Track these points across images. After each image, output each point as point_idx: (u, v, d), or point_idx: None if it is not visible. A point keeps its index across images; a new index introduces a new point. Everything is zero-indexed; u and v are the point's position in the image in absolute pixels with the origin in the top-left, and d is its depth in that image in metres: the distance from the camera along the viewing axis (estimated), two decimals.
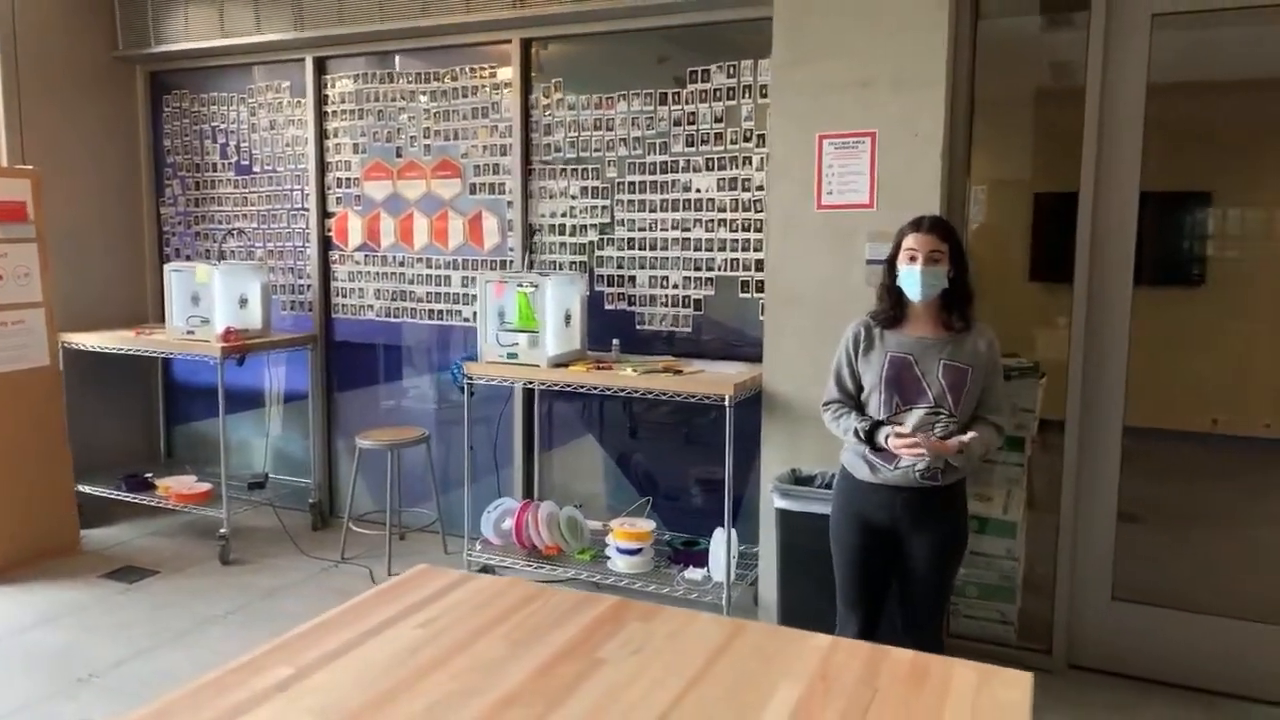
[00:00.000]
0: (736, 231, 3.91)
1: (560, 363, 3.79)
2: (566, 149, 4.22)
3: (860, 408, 2.62)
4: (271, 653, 1.62)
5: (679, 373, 3.59)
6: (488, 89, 4.36)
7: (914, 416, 2.49)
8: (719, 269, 3.96)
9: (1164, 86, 3.18)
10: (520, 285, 3.85)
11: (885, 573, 2.65)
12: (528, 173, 4.30)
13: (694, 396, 3.48)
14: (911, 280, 2.49)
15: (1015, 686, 1.48)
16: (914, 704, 1.45)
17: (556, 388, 3.81)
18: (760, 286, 3.87)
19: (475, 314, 4.45)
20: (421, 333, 4.71)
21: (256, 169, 5.02)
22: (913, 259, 2.49)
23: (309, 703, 1.43)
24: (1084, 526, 3.36)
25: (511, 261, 4.38)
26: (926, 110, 3.11)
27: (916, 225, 2.53)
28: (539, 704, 1.44)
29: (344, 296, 4.87)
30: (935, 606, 2.62)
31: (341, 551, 4.50)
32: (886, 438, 2.48)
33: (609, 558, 3.83)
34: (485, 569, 3.97)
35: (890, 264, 2.59)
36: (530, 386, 4.14)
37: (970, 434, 2.43)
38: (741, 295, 3.93)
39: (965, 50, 3.20)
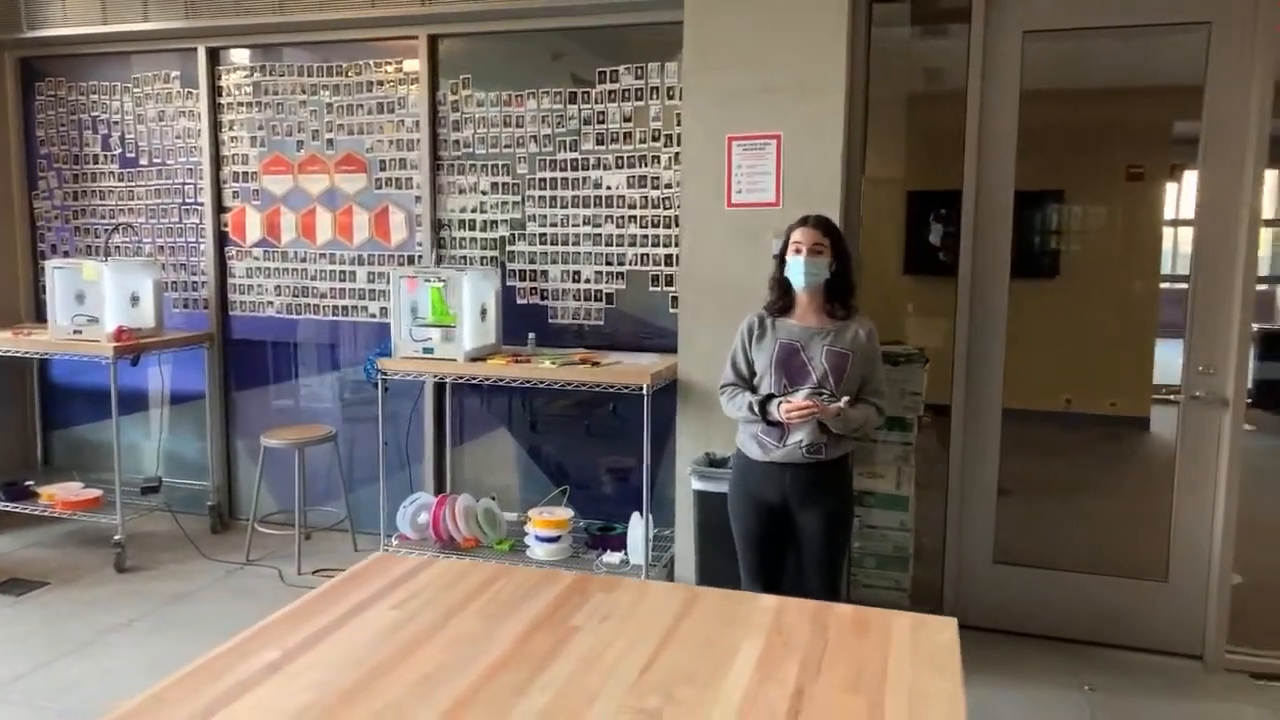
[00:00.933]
0: (646, 227, 4.06)
1: (477, 357, 3.85)
2: (476, 145, 4.26)
3: (754, 390, 2.85)
4: (251, 639, 1.65)
5: (596, 364, 3.71)
6: (394, 84, 4.36)
7: (800, 395, 2.72)
8: (629, 264, 4.10)
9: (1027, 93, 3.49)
10: (431, 280, 3.88)
11: (781, 545, 2.87)
12: (436, 168, 4.33)
13: (612, 387, 3.61)
14: (796, 270, 2.74)
15: (944, 630, 1.68)
16: (860, 651, 1.62)
17: (474, 381, 3.86)
18: (669, 280, 4.04)
19: (382, 310, 4.45)
20: (325, 329, 4.65)
21: (144, 162, 4.84)
22: (798, 250, 2.74)
23: (306, 680, 1.48)
24: (969, 498, 3.67)
25: (420, 257, 4.39)
26: (828, 114, 3.33)
27: (803, 221, 2.79)
28: (525, 669, 1.54)
29: (242, 293, 4.75)
30: (830, 574, 2.84)
31: (247, 553, 4.41)
32: (778, 405, 2.70)
33: (528, 546, 3.92)
34: None
35: (780, 258, 2.81)
36: (446, 381, 4.17)
37: (845, 399, 2.66)
38: (652, 289, 4.09)
39: (860, 58, 3.45)
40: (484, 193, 4.28)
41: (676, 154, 3.96)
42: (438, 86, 4.29)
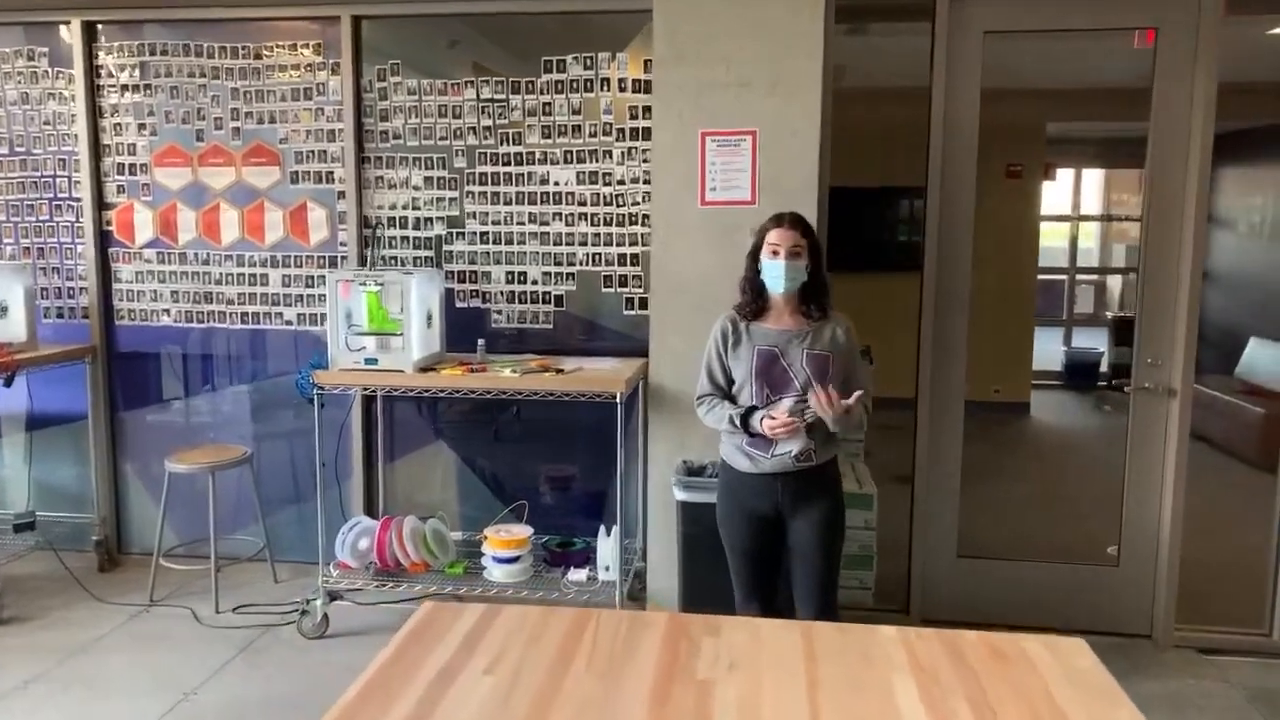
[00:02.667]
0: (598, 225, 3.87)
1: (426, 367, 3.55)
2: (407, 137, 3.94)
3: (732, 399, 2.74)
4: None
5: (560, 371, 3.49)
6: (311, 68, 3.96)
7: (784, 405, 2.62)
8: (580, 264, 3.90)
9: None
10: (367, 284, 3.55)
11: (776, 557, 2.78)
12: (362, 161, 3.97)
13: (583, 395, 3.41)
14: (775, 274, 2.63)
15: (1079, 654, 1.62)
16: (1015, 682, 1.53)
17: (427, 394, 3.56)
18: (623, 281, 3.87)
19: (300, 316, 4.06)
20: (231, 339, 4.20)
21: (3, 150, 4.21)
22: (775, 254, 2.63)
23: None
24: (934, 494, 3.70)
25: (345, 258, 4.02)
26: (803, 112, 3.26)
27: (778, 221, 2.67)
28: None
29: (130, 300, 4.22)
30: (827, 580, 2.75)
31: (151, 592, 3.93)
32: (761, 420, 2.59)
33: (484, 568, 3.66)
34: (333, 596, 3.64)
35: (753, 258, 2.70)
36: (376, 393, 3.82)
37: (857, 393, 2.58)
38: (604, 290, 3.90)
39: (830, 56, 3.39)
40: (417, 188, 3.96)
41: (630, 149, 3.79)
42: (362, 72, 3.93)
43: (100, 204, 4.17)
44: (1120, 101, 4.00)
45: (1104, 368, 8.41)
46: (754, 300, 2.71)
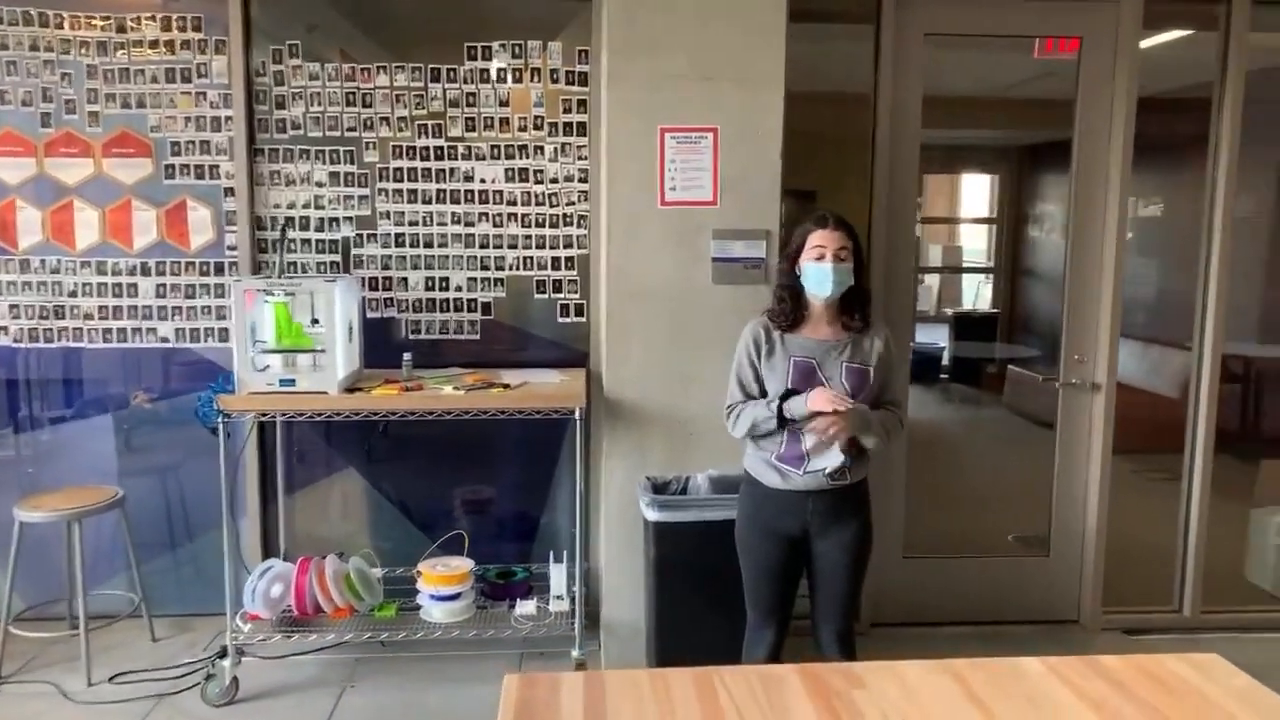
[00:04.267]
0: (529, 227, 3.58)
1: (352, 386, 3.15)
2: (309, 127, 3.49)
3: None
4: None
5: (506, 387, 3.19)
6: (190, 46, 3.43)
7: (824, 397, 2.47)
8: (510, 268, 3.60)
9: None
10: (275, 294, 3.11)
11: (797, 577, 2.65)
12: (254, 154, 3.48)
13: (539, 412, 3.13)
14: (821, 278, 2.46)
15: (1218, 668, 1.57)
16: (1193, 709, 1.45)
17: (357, 417, 3.14)
18: (558, 286, 3.61)
19: (178, 332, 3.53)
20: (94, 360, 3.57)
21: None
22: (821, 256, 2.47)
23: None
24: (885, 497, 3.68)
25: (235, 264, 3.51)
26: (767, 108, 3.13)
27: (822, 222, 2.51)
28: None
29: None
30: (851, 604, 2.63)
31: None
32: (805, 401, 2.40)
33: (420, 607, 3.29)
34: (225, 653, 3.15)
35: (791, 263, 2.56)
36: (313, 419, 3.32)
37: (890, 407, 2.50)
38: (538, 296, 3.62)
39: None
40: (320, 185, 3.52)
41: (563, 145, 3.54)
42: (254, 53, 3.44)
43: None
44: (994, 110, 4.19)
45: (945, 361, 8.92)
46: (792, 308, 2.53)
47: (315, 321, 3.19)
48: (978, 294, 5.27)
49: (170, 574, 3.67)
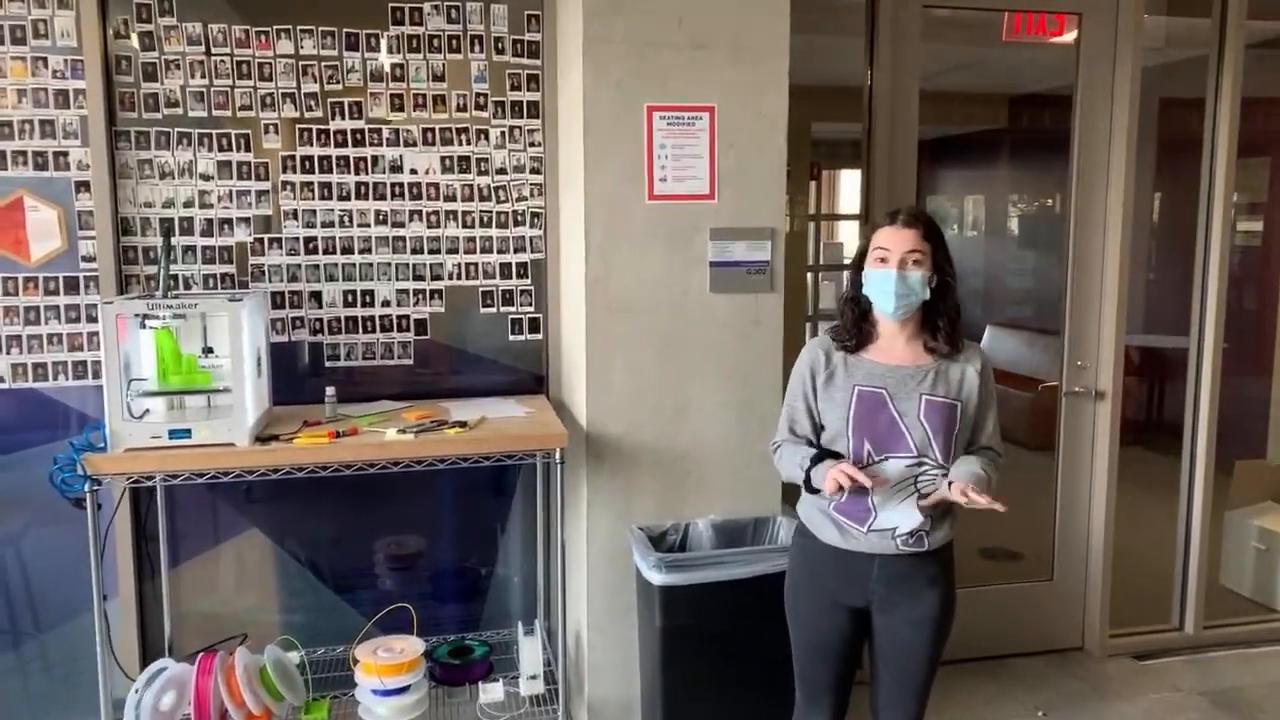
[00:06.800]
0: (472, 228, 2.97)
1: (265, 435, 2.46)
2: (190, 104, 2.76)
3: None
4: None
5: (463, 425, 2.57)
6: (25, 1, 2.64)
7: (891, 469, 1.99)
8: (450, 277, 2.98)
9: None
10: (161, 318, 2.40)
11: (856, 655, 2.17)
12: (116, 138, 2.72)
13: (511, 456, 2.53)
14: (882, 288, 1.99)
15: None
16: None
17: (274, 475, 2.44)
18: (508, 298, 3.02)
19: (16, 369, 2.73)
20: None
21: None
22: (883, 260, 2.00)
23: None
24: None
25: (94, 279, 2.74)
26: (770, 85, 2.64)
27: (890, 217, 2.04)
28: None
29: None
30: (922, 695, 2.13)
31: None
32: (833, 473, 1.90)
33: (359, 703, 2.64)
34: None
35: (856, 269, 2.09)
36: (217, 480, 2.55)
37: (975, 466, 1.98)
38: (484, 310, 3.01)
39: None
40: (207, 178, 2.80)
41: (512, 128, 2.95)
42: (111, 7, 2.68)
43: None
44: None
45: None
46: (857, 325, 2.05)
47: (209, 351, 2.50)
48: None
49: (13, 681, 2.85)
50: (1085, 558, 3.48)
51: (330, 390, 2.70)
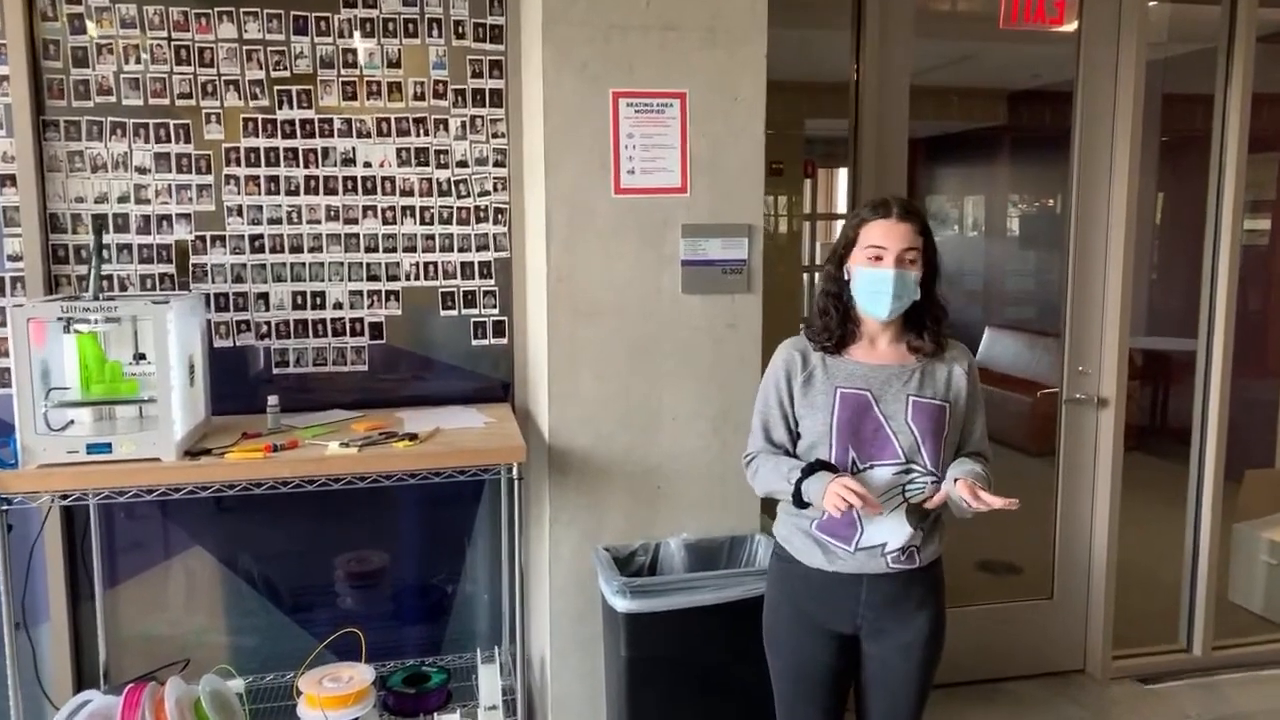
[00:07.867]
0: (431, 224, 2.78)
1: (195, 449, 2.26)
2: (125, 92, 2.57)
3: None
4: None
5: (413, 438, 2.38)
6: None
7: (878, 478, 1.82)
8: (407, 278, 2.79)
9: None
10: (89, 321, 2.21)
11: (845, 688, 1.98)
12: (43, 128, 2.53)
13: (464, 471, 2.33)
14: (877, 289, 1.80)
15: None
16: None
17: (206, 493, 2.25)
18: (470, 299, 2.83)
19: None
20: None
21: None
22: (878, 258, 1.80)
23: None
24: None
25: (20, 281, 2.55)
26: (748, 69, 2.45)
27: (883, 209, 1.83)
28: None
29: None
30: (914, 716, 1.96)
31: None
32: (827, 488, 1.72)
33: None
34: None
35: (837, 263, 1.90)
36: (139, 498, 2.36)
37: (975, 466, 1.83)
38: (444, 313, 2.82)
39: None
40: (144, 171, 2.60)
41: (473, 118, 2.76)
42: None
43: None
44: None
45: None
46: (839, 325, 1.86)
47: (141, 358, 2.31)
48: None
49: None
50: (1087, 574, 3.29)
51: (272, 399, 2.51)
